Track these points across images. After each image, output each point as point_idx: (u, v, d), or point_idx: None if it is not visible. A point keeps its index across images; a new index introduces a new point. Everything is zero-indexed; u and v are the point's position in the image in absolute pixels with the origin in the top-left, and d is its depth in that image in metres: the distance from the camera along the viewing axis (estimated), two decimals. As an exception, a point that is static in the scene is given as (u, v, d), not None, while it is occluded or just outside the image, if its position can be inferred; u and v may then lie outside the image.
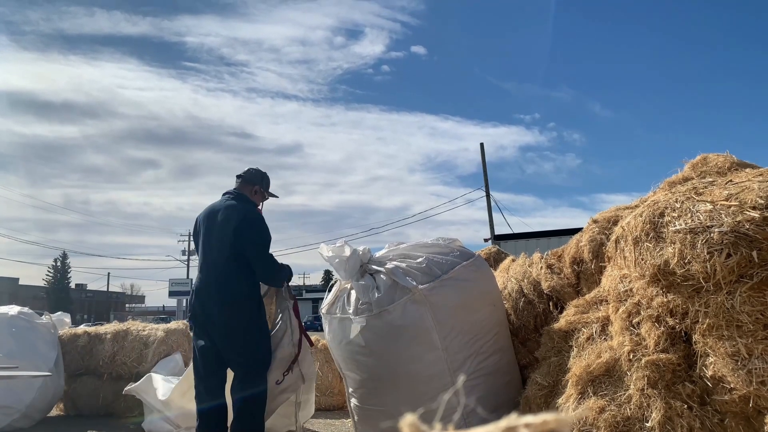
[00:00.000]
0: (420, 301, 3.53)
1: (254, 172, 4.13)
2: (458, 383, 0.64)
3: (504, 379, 4.04)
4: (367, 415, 3.81)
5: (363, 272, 3.77)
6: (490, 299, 4.07)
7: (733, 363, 2.64)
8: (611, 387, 3.14)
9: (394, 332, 3.51)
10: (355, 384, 3.87)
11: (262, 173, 4.15)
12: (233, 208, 3.95)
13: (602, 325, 3.66)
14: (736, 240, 2.66)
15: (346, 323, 3.71)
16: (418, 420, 0.59)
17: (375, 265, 3.77)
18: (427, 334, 3.54)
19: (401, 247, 4.03)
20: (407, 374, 3.57)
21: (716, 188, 3.06)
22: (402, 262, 3.74)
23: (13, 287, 58.06)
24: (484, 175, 22.59)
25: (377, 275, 3.69)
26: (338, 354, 3.90)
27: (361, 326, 3.56)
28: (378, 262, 3.81)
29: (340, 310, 3.80)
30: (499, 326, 4.11)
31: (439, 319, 3.57)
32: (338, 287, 4.01)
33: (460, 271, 3.81)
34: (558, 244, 10.18)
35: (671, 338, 3.02)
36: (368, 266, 3.79)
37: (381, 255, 3.96)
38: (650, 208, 3.21)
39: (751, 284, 2.64)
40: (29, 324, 6.47)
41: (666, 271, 3.00)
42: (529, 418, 0.54)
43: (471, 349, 3.73)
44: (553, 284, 4.54)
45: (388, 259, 3.83)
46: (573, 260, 4.64)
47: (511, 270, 5.19)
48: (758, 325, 2.61)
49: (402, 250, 3.96)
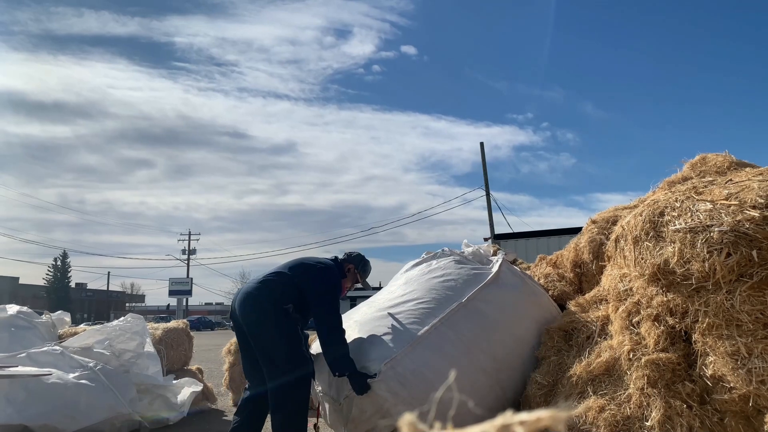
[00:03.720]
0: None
1: (356, 255, 4.28)
2: (450, 378, 0.64)
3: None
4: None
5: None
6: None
7: (732, 362, 2.64)
8: (611, 386, 3.14)
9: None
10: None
11: (365, 261, 4.28)
12: (324, 261, 4.03)
13: (602, 325, 3.66)
14: (735, 239, 2.66)
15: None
16: (416, 419, 0.58)
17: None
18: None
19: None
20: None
21: (716, 187, 3.06)
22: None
23: (13, 286, 58.12)
24: (484, 174, 22.60)
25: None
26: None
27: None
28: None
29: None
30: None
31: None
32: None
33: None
34: (558, 244, 10.11)
35: (671, 337, 3.02)
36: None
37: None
38: (650, 207, 3.21)
39: (751, 283, 2.64)
40: (28, 323, 6.47)
41: (666, 271, 3.00)
42: (523, 416, 0.55)
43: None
44: (557, 293, 4.50)
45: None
46: (574, 263, 4.63)
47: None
48: (758, 325, 2.61)
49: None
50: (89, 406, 4.98)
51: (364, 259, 4.31)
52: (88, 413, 4.95)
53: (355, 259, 4.26)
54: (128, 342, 6.09)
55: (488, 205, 22.23)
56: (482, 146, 22.76)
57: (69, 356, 5.36)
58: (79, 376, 5.12)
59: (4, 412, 4.60)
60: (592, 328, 3.69)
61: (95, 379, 5.18)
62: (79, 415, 4.88)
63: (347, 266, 4.19)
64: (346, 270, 4.17)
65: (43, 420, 4.69)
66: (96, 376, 5.21)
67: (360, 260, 4.27)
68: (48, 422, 4.70)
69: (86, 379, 5.14)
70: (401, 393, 3.35)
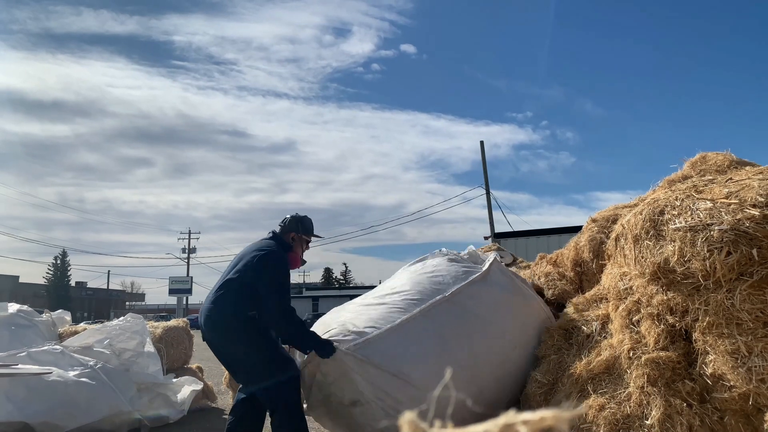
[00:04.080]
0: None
1: (288, 220, 4.03)
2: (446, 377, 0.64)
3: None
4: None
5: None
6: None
7: (732, 361, 2.64)
8: (611, 385, 3.14)
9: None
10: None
11: (300, 219, 4.04)
12: (265, 243, 3.88)
13: (602, 323, 3.66)
14: (736, 238, 2.65)
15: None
16: (417, 417, 0.58)
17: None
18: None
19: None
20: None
21: (716, 186, 3.06)
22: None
23: (13, 285, 58.11)
24: (484, 173, 22.57)
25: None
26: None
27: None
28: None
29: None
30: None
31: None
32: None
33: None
34: (558, 242, 10.10)
35: (671, 336, 3.02)
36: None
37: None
38: (650, 206, 3.21)
39: (751, 282, 2.64)
40: (28, 322, 6.48)
41: (666, 269, 3.00)
42: (527, 415, 0.54)
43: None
44: (558, 292, 4.49)
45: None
46: (574, 262, 4.62)
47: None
48: (758, 323, 2.61)
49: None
50: (89, 403, 4.99)
51: (299, 218, 4.04)
52: (89, 411, 4.95)
53: (291, 225, 4.01)
54: (128, 341, 6.10)
55: (488, 204, 22.22)
56: (482, 145, 22.74)
57: (69, 355, 5.37)
58: (79, 374, 5.12)
59: (4, 410, 4.60)
60: (593, 326, 3.69)
61: (95, 377, 5.18)
62: (79, 413, 4.88)
63: (288, 236, 3.99)
64: (289, 240, 3.98)
65: (43, 417, 4.69)
66: (96, 374, 5.21)
67: (296, 223, 4.02)
68: (48, 420, 4.71)
69: (86, 377, 5.14)
70: (369, 369, 3.41)
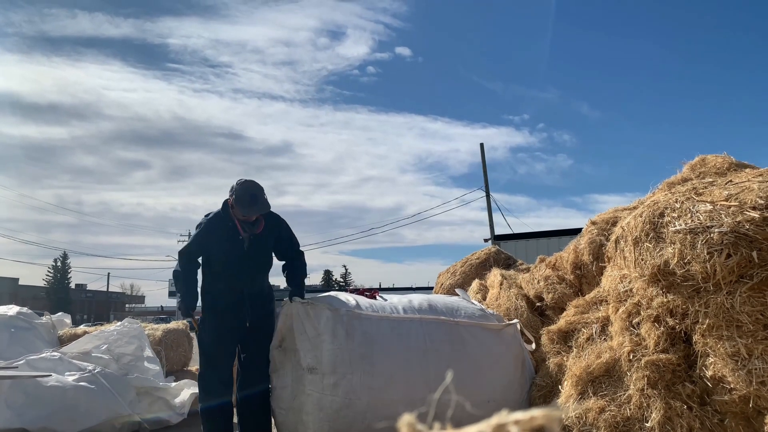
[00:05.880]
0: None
1: (231, 187, 4.00)
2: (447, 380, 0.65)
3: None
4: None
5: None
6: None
7: (733, 363, 2.63)
8: (611, 387, 3.13)
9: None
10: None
11: (235, 185, 3.98)
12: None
13: (602, 326, 3.65)
14: (736, 240, 2.65)
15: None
16: (415, 419, 0.58)
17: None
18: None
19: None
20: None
21: (716, 188, 3.06)
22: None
23: (13, 287, 58.04)
24: (485, 175, 22.58)
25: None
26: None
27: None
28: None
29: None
30: None
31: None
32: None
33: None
34: (557, 245, 10.09)
35: (671, 338, 3.02)
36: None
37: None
38: (650, 208, 3.21)
39: (751, 284, 2.64)
40: (28, 324, 6.47)
41: (666, 272, 3.00)
42: (518, 415, 0.55)
43: None
44: (557, 296, 4.48)
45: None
46: (574, 265, 4.61)
47: (501, 297, 4.91)
48: (758, 326, 2.61)
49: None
50: (88, 408, 4.98)
51: (234, 186, 3.98)
52: (88, 415, 4.95)
53: (230, 191, 4.00)
54: (126, 346, 6.10)
55: (488, 206, 22.22)
56: (482, 147, 22.75)
57: (68, 361, 5.37)
58: (78, 379, 5.12)
59: (3, 416, 4.59)
60: (593, 329, 3.68)
61: (94, 381, 5.18)
62: (78, 418, 4.87)
63: (229, 203, 3.97)
64: (231, 208, 3.96)
65: (42, 423, 4.68)
66: (95, 378, 5.21)
67: (231, 190, 3.98)
68: (47, 425, 4.69)
69: (85, 381, 5.13)
70: (340, 337, 3.50)
